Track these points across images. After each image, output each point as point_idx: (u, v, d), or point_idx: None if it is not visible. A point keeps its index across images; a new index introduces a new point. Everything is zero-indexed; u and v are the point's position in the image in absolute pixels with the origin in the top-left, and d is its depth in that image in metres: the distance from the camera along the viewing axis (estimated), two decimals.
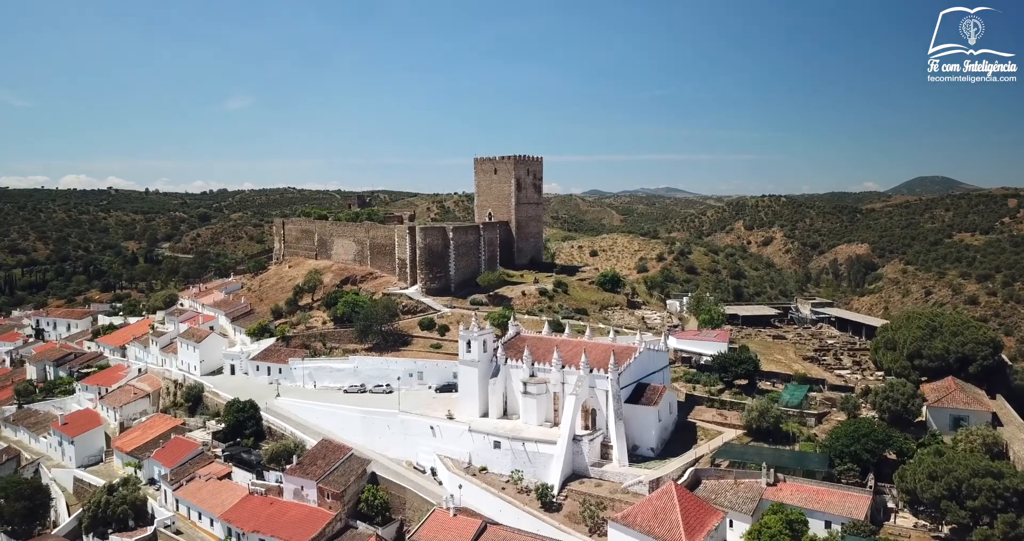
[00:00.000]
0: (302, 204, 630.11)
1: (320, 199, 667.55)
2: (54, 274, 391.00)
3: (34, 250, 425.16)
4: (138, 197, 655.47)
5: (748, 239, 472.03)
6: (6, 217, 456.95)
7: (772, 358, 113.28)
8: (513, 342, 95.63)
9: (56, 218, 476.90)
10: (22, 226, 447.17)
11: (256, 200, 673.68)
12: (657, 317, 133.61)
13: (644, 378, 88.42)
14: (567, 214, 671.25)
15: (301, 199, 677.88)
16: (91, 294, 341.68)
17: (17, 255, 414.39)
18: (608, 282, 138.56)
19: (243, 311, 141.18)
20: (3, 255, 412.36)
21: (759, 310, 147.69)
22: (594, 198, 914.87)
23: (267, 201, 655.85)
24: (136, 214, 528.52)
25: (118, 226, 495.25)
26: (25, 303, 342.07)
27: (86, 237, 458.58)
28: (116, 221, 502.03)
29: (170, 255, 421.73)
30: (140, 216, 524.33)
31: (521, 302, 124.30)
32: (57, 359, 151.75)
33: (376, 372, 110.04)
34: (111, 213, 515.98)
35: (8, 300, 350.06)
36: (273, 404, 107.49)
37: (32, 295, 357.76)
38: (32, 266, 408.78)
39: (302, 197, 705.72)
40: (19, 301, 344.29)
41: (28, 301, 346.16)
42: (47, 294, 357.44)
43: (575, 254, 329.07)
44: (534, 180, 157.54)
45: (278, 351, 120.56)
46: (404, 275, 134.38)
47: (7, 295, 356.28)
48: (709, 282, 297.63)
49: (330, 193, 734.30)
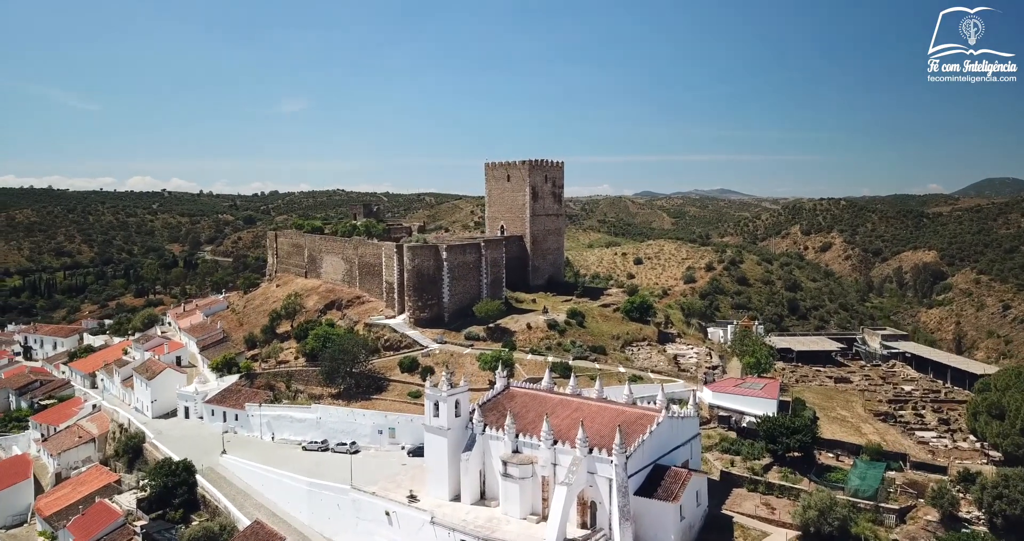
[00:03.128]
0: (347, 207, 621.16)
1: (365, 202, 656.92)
2: (94, 278, 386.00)
3: (79, 253, 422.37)
4: (190, 199, 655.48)
5: (805, 244, 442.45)
6: (55, 219, 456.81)
7: (835, 415, 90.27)
8: (497, 402, 74.86)
9: (104, 221, 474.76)
10: (69, 229, 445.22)
11: (303, 202, 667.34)
12: (693, 354, 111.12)
13: (664, 456, 66.74)
14: (615, 217, 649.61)
15: (347, 201, 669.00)
16: (125, 299, 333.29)
17: (62, 258, 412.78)
18: (635, 310, 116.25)
19: (215, 339, 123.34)
20: (49, 257, 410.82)
21: (818, 343, 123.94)
22: (645, 199, 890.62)
23: (314, 203, 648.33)
24: (182, 216, 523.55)
25: (164, 229, 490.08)
26: (61, 306, 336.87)
27: (131, 240, 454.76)
28: (162, 223, 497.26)
29: (210, 259, 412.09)
30: (186, 218, 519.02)
31: (525, 337, 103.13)
32: (20, 387, 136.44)
33: (341, 426, 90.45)
34: (158, 215, 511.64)
35: (46, 303, 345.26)
36: (218, 463, 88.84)
37: (70, 298, 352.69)
38: (75, 269, 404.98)
39: (348, 199, 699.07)
40: (56, 304, 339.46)
41: (64, 304, 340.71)
42: (84, 298, 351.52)
43: (618, 262, 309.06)
44: (553, 188, 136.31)
45: (238, 392, 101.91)
46: (392, 301, 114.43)
47: (45, 298, 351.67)
48: (762, 295, 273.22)
49: (378, 195, 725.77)
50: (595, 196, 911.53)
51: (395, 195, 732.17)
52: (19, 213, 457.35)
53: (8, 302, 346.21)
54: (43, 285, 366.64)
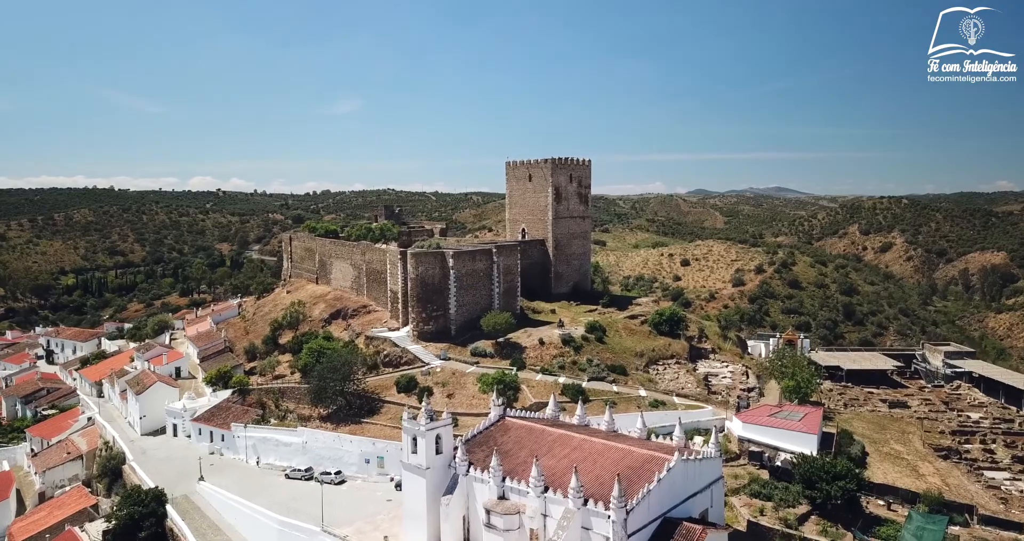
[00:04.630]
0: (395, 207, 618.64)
1: (414, 201, 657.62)
2: (144, 277, 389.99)
3: (131, 252, 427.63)
4: (243, 198, 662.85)
5: (863, 245, 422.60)
6: (111, 219, 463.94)
7: (888, 450, 78.21)
8: (489, 435, 65.26)
9: (157, 220, 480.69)
10: (123, 228, 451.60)
11: (353, 202, 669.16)
12: (727, 373, 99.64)
13: (677, 507, 56.25)
14: (666, 216, 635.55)
15: (396, 201, 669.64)
16: (170, 299, 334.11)
17: (115, 257, 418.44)
18: (664, 323, 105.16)
19: (217, 349, 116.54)
20: (103, 256, 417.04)
21: (871, 360, 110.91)
22: (698, 198, 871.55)
23: (363, 203, 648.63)
24: (233, 216, 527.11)
25: (215, 228, 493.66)
26: (109, 305, 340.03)
27: (182, 239, 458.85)
28: (213, 223, 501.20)
29: (257, 258, 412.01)
30: (236, 218, 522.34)
31: (536, 354, 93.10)
32: (27, 394, 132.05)
33: (328, 452, 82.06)
34: (209, 215, 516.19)
35: (96, 302, 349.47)
36: (195, 490, 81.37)
37: (120, 297, 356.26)
38: (127, 268, 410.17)
39: (398, 199, 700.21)
40: (105, 303, 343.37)
41: (112, 303, 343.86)
42: (132, 297, 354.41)
43: (664, 264, 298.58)
44: (579, 188, 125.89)
45: (228, 410, 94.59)
46: (397, 312, 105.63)
47: (96, 297, 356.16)
48: (815, 299, 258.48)
49: (426, 195, 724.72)
50: (646, 194, 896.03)
51: (443, 195, 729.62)
52: (77, 213, 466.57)
53: (60, 300, 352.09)
54: (95, 284, 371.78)
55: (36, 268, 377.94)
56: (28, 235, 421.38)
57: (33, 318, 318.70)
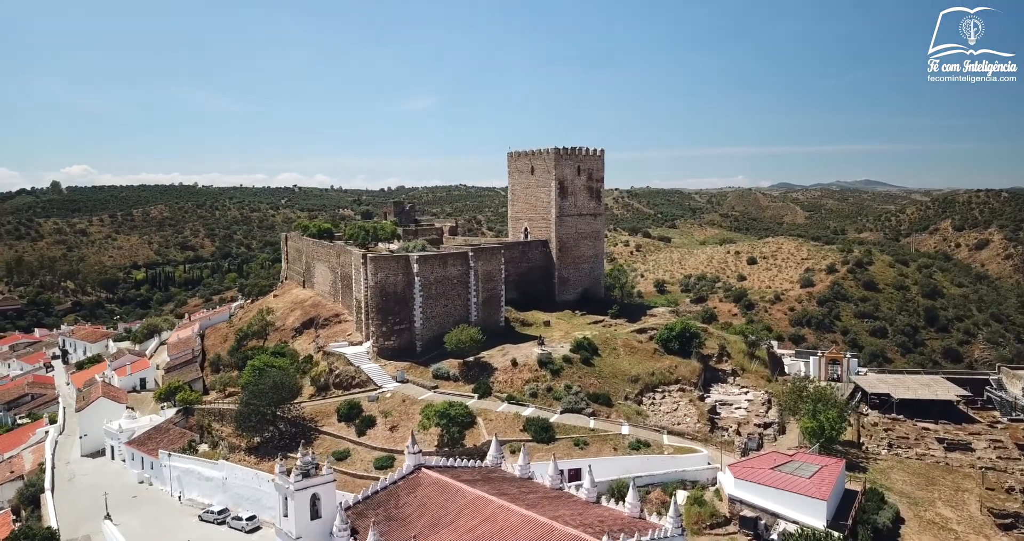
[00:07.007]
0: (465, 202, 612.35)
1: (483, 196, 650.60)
2: (210, 272, 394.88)
3: (201, 247, 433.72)
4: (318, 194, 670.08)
5: (956, 241, 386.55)
6: (185, 214, 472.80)
7: (931, 516, 60.08)
8: (392, 493, 51.43)
9: (229, 216, 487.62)
10: (195, 224, 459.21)
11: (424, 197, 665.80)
12: (745, 402, 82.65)
13: None
14: (742, 210, 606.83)
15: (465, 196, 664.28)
16: (230, 293, 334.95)
17: (186, 251, 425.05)
18: (674, 339, 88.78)
19: (184, 359, 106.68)
20: (175, 251, 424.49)
21: (930, 387, 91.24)
22: (780, 192, 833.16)
23: (433, 198, 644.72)
24: (303, 211, 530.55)
25: (284, 223, 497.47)
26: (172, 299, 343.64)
27: (251, 234, 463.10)
28: (283, 218, 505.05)
29: None
30: (305, 213, 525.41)
31: (506, 378, 78.36)
32: (10, 401, 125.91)
33: (247, 492, 70.01)
34: (280, 210, 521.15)
35: (162, 296, 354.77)
36: (100, 531, 70.73)
37: (184, 292, 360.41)
38: (196, 262, 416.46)
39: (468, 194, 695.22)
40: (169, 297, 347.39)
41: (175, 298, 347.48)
42: (196, 292, 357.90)
43: (729, 262, 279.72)
44: (589, 182, 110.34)
45: (166, 433, 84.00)
46: (361, 323, 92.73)
47: (163, 291, 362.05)
48: (893, 302, 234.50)
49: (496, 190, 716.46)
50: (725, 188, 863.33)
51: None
52: (154, 208, 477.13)
53: (127, 294, 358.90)
54: (163, 278, 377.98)
55: (110, 262, 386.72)
56: (108, 230, 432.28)
57: (99, 312, 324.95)
